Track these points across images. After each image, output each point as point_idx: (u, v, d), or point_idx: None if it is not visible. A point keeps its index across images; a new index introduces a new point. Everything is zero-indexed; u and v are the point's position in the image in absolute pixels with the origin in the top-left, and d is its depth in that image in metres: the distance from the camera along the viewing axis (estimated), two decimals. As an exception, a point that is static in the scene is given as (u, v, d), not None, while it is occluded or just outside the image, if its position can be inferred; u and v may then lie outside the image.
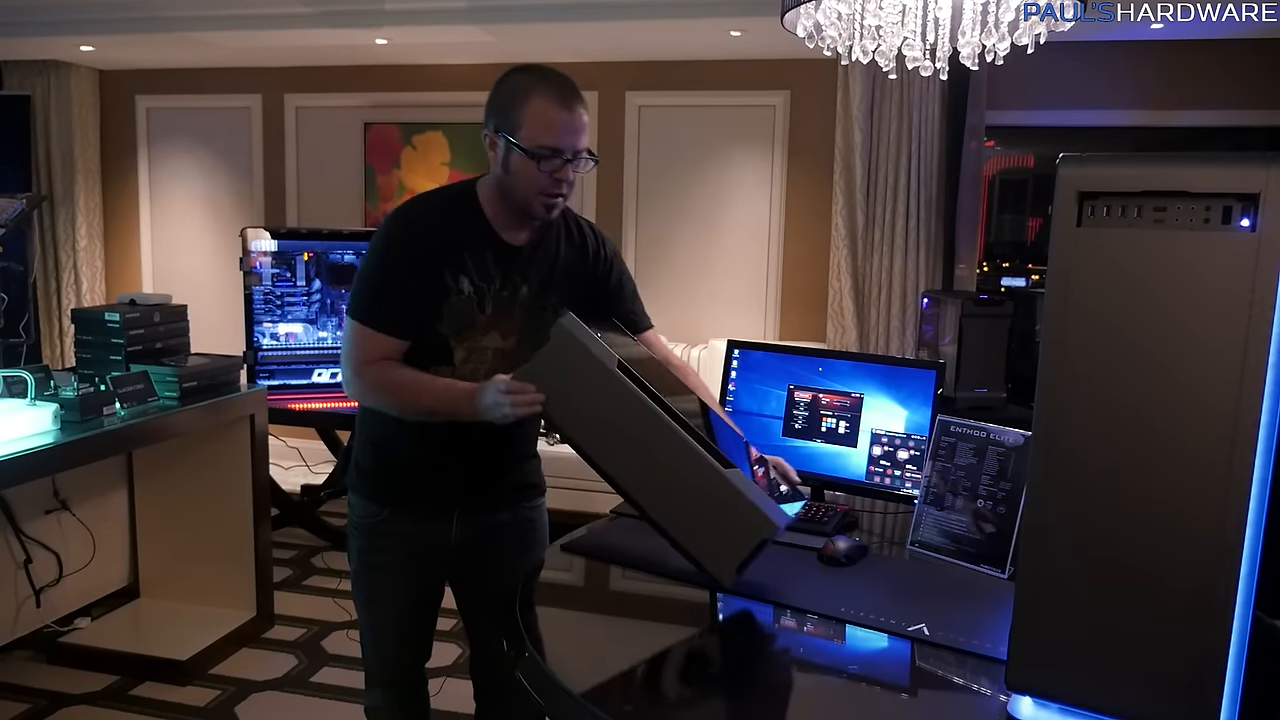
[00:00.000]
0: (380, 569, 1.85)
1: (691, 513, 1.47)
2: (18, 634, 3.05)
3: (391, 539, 1.82)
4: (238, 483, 3.29)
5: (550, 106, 1.63)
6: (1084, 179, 1.06)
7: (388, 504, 1.82)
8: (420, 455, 1.79)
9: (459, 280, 1.70)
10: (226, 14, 4.36)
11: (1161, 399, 1.02)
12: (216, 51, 4.90)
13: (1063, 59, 4.17)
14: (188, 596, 3.40)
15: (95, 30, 4.57)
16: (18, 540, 3.00)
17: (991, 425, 1.81)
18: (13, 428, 2.50)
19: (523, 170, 1.65)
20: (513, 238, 1.75)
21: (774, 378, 2.09)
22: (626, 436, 1.46)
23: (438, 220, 1.72)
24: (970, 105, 4.46)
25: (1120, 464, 1.05)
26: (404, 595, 1.86)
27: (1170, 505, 1.03)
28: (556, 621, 1.58)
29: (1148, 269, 1.03)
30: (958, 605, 1.59)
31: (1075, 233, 1.06)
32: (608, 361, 1.45)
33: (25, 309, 4.97)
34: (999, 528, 1.73)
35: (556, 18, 4.08)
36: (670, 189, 4.92)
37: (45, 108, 5.34)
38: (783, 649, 1.55)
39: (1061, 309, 1.08)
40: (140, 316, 3.10)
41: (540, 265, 1.78)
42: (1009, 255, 5.00)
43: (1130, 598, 1.05)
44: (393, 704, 1.94)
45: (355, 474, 1.87)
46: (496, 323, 1.74)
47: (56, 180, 5.38)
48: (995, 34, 1.95)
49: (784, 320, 4.87)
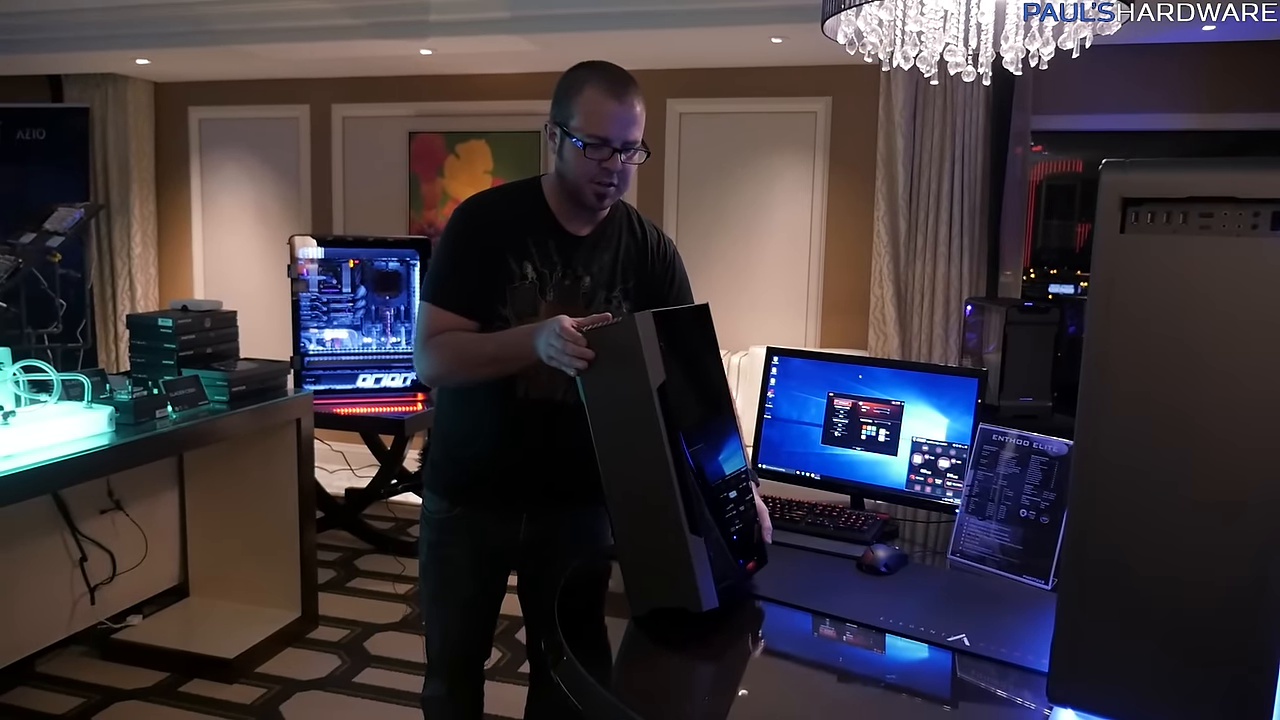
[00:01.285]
0: (449, 563, 1.90)
1: (644, 545, 1.49)
2: (73, 629, 3.13)
3: (461, 535, 1.88)
4: (284, 485, 3.35)
5: (601, 97, 1.69)
6: (1127, 185, 1.04)
7: (460, 502, 1.87)
8: (492, 455, 1.84)
9: (523, 265, 1.76)
10: (276, 27, 4.46)
11: (1207, 407, 1.00)
12: (266, 63, 5.01)
13: (1111, 62, 4.10)
14: (235, 596, 3.47)
15: (151, 44, 4.70)
16: (74, 539, 3.09)
17: (1035, 434, 1.79)
18: (70, 429, 2.57)
19: (575, 159, 1.72)
20: (575, 228, 1.81)
21: (813, 385, 2.08)
22: (631, 450, 1.47)
23: (503, 208, 1.80)
24: (1015, 110, 4.41)
25: (1165, 473, 1.03)
26: (471, 590, 1.91)
27: (1216, 515, 1.00)
28: (595, 624, 1.59)
29: (1193, 275, 1.01)
30: (999, 616, 1.56)
31: (1119, 239, 1.05)
32: (651, 379, 1.44)
33: (83, 314, 5.10)
34: (1042, 538, 1.70)
35: (598, 26, 4.11)
36: (711, 196, 4.92)
37: (103, 119, 5.49)
38: (820, 657, 1.54)
39: (1104, 316, 1.06)
40: (192, 322, 3.17)
41: (601, 256, 1.83)
42: (1057, 262, 4.92)
43: (1175, 609, 1.03)
44: (452, 695, 1.98)
45: (430, 470, 1.93)
46: (558, 309, 1.78)
47: (113, 189, 5.53)
48: (1039, 39, 1.93)
49: (825, 327, 4.84)
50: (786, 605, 1.59)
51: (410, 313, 4.31)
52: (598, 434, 1.51)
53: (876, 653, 1.50)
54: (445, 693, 1.98)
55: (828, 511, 2.00)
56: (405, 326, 4.32)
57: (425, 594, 1.97)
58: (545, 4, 4.13)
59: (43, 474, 2.40)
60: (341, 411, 4.06)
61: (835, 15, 1.93)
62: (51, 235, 3.98)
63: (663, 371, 1.45)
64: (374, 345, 4.28)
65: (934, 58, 1.97)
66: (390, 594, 3.81)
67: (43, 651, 3.09)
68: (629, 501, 1.51)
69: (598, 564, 1.83)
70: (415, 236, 4.75)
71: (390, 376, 4.27)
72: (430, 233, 5.14)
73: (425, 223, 5.32)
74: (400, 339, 4.31)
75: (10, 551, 2.89)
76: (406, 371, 4.28)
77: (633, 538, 1.51)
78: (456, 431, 1.87)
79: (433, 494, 1.91)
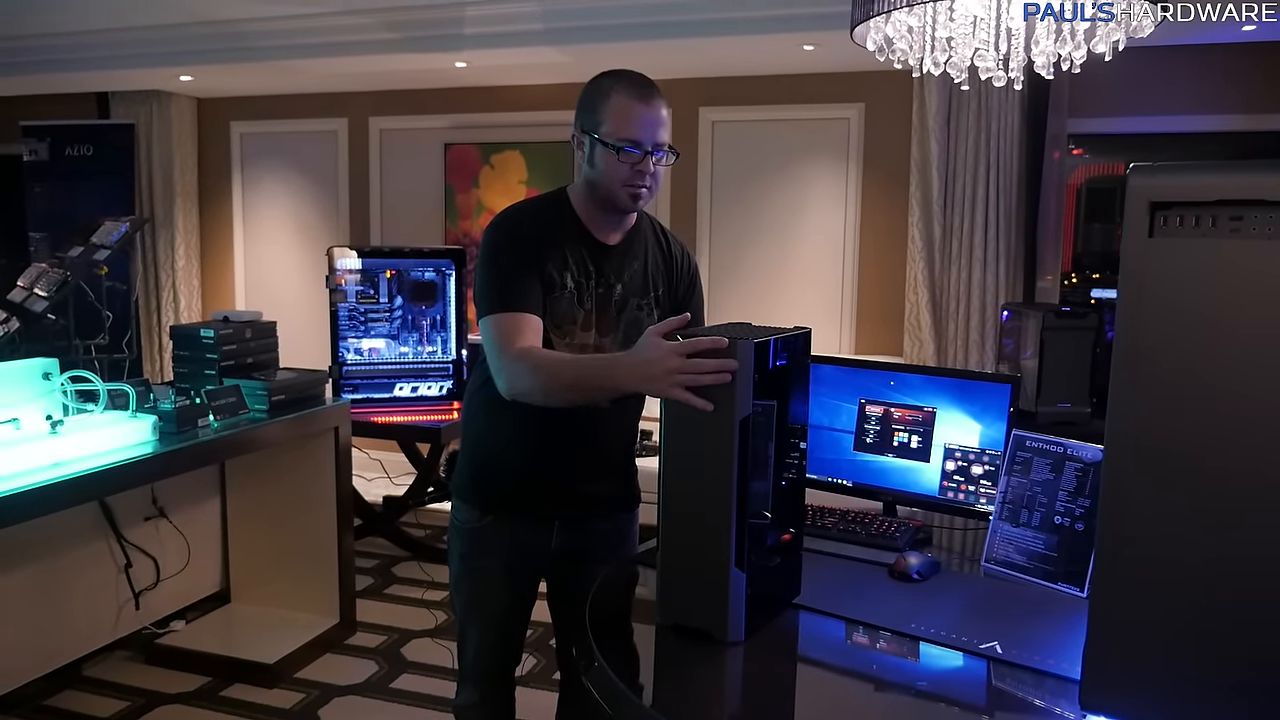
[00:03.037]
0: (481, 573, 1.91)
1: (686, 564, 1.48)
2: (118, 634, 3.21)
3: (492, 544, 1.89)
4: (323, 493, 3.41)
5: (629, 102, 1.72)
6: (1155, 189, 1.04)
7: (490, 510, 1.88)
8: (526, 462, 1.85)
9: (562, 275, 1.78)
10: (315, 42, 4.54)
11: (1238, 413, 0.99)
12: (305, 78, 5.10)
13: (1150, 64, 4.04)
14: (275, 602, 3.53)
15: (194, 60, 4.81)
16: (119, 545, 3.16)
17: (1069, 440, 1.77)
18: (115, 438, 2.64)
19: (607, 164, 1.74)
20: (605, 236, 1.83)
21: (845, 391, 2.08)
22: (699, 473, 1.45)
23: (537, 219, 1.82)
24: (1051, 114, 4.36)
25: (1196, 479, 1.02)
26: (504, 599, 1.92)
27: (1249, 522, 0.99)
28: (626, 631, 1.60)
29: (1223, 280, 1.00)
30: (1033, 624, 1.55)
31: (1147, 244, 1.04)
32: (738, 412, 1.42)
33: (128, 326, 5.23)
34: (1078, 545, 1.69)
35: (631, 36, 4.14)
36: (744, 203, 4.92)
37: (148, 135, 5.63)
38: (851, 664, 1.54)
39: (1134, 322, 1.05)
40: (233, 333, 3.24)
41: (632, 265, 1.86)
42: (1098, 266, 4.86)
43: (1209, 616, 1.02)
44: (484, 702, 1.99)
45: (460, 480, 1.94)
46: (596, 320, 1.81)
47: (158, 203, 5.67)
48: (1070, 42, 1.91)
49: (859, 334, 4.81)
50: (818, 612, 1.59)
51: (446, 321, 4.36)
52: (669, 446, 1.49)
53: (909, 660, 1.50)
54: (477, 700, 1.99)
55: (860, 518, 2.00)
56: (441, 335, 4.37)
57: (458, 605, 1.98)
58: (578, 16, 4.17)
59: (89, 481, 2.47)
60: (379, 420, 4.11)
61: (864, 22, 1.93)
62: (98, 249, 4.08)
63: (750, 405, 1.42)
64: (410, 354, 4.34)
65: (964, 63, 1.96)
66: (427, 600, 3.85)
67: (89, 655, 3.17)
68: (682, 519, 1.49)
69: (628, 570, 1.84)
70: (451, 247, 4.80)
71: (426, 385, 4.33)
72: (466, 243, 5.19)
73: (461, 233, 5.38)
74: (436, 348, 4.36)
75: (58, 558, 2.97)
76: (443, 380, 4.33)
77: (677, 553, 1.50)
78: (488, 438, 1.89)
79: (463, 503, 1.93)
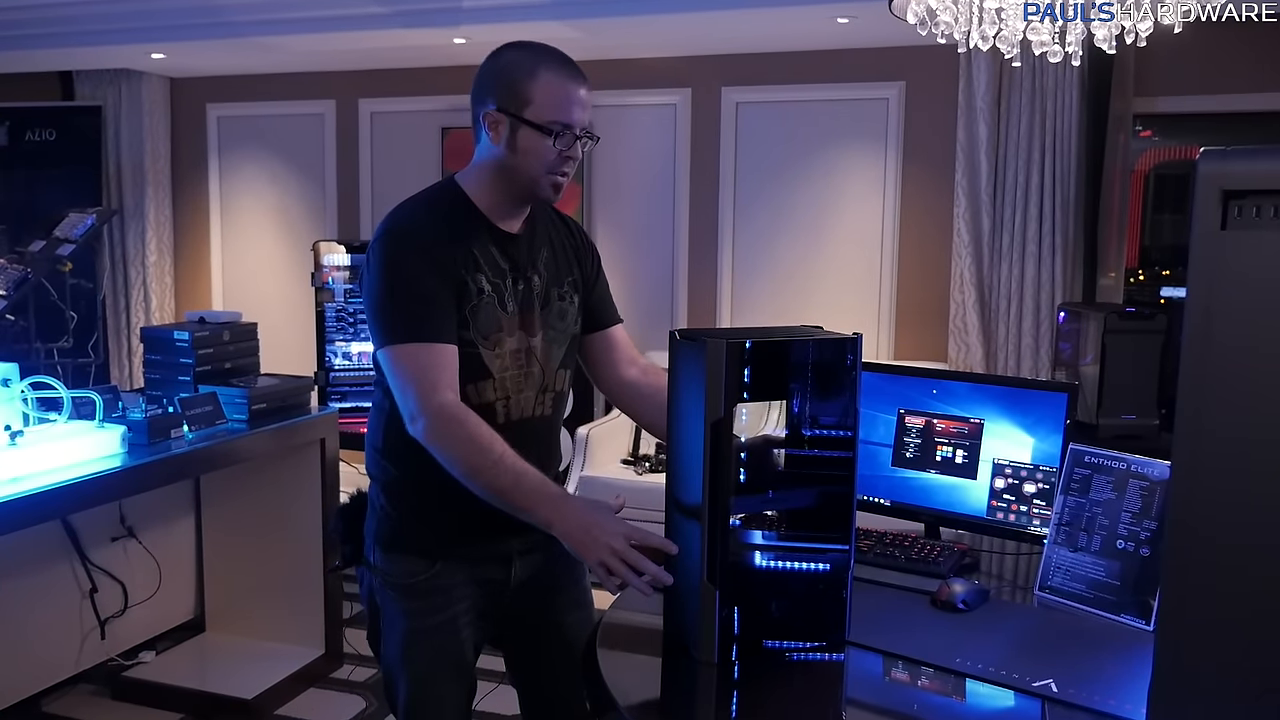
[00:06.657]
0: (439, 631, 1.80)
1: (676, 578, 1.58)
2: (81, 666, 3.22)
3: (447, 594, 1.80)
4: (307, 511, 3.42)
5: (562, 80, 1.69)
6: (1228, 176, 1.03)
7: (442, 556, 1.79)
8: (474, 496, 1.71)
9: (476, 279, 1.74)
10: (299, 16, 4.58)
11: (1322, 424, 0.99)
12: (288, 56, 5.14)
13: (1229, 37, 4.01)
14: (254, 631, 3.55)
15: (167, 37, 4.86)
16: (84, 568, 3.18)
17: (1133, 456, 1.76)
18: (80, 450, 2.66)
19: (533, 149, 1.69)
20: (509, 225, 1.80)
21: (882, 401, 2.08)
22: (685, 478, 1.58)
23: (434, 220, 1.75)
24: (1115, 93, 4.35)
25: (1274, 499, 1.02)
26: (467, 650, 1.84)
27: (1335, 547, 0.99)
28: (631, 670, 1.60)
29: (1304, 276, 0.99)
30: (1092, 659, 1.55)
31: (1219, 236, 1.04)
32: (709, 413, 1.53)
33: (94, 327, 5.28)
34: (1143, 572, 1.68)
35: (646, 9, 4.15)
36: (771, 192, 4.93)
37: (116, 118, 5.69)
38: (890, 704, 1.54)
39: (1204, 323, 1.05)
40: (209, 335, 3.26)
41: (541, 252, 1.84)
42: (1169, 262, 4.82)
43: (1288, 652, 1.02)
44: None
45: (389, 531, 1.82)
46: (521, 321, 1.79)
47: (127, 193, 5.72)
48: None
49: (900, 338, 4.81)
50: (854, 645, 1.59)
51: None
52: (670, 459, 1.65)
53: (954, 699, 1.50)
54: None
55: (899, 541, 1.99)
56: (436, 339, 4.37)
57: (407, 674, 1.81)
58: (587, -13, 4.19)
59: (51, 498, 2.49)
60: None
61: (904, -8, 1.94)
62: (62, 243, 4.13)
63: (722, 408, 1.49)
64: (403, 359, 4.35)
65: (1016, 36, 1.97)
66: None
67: (49, 690, 3.18)
68: (675, 528, 1.62)
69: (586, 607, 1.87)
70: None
71: (420, 393, 4.34)
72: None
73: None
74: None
75: (17, 581, 2.99)
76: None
77: (673, 566, 1.59)
78: (434, 480, 1.71)
79: (399, 555, 1.81)
